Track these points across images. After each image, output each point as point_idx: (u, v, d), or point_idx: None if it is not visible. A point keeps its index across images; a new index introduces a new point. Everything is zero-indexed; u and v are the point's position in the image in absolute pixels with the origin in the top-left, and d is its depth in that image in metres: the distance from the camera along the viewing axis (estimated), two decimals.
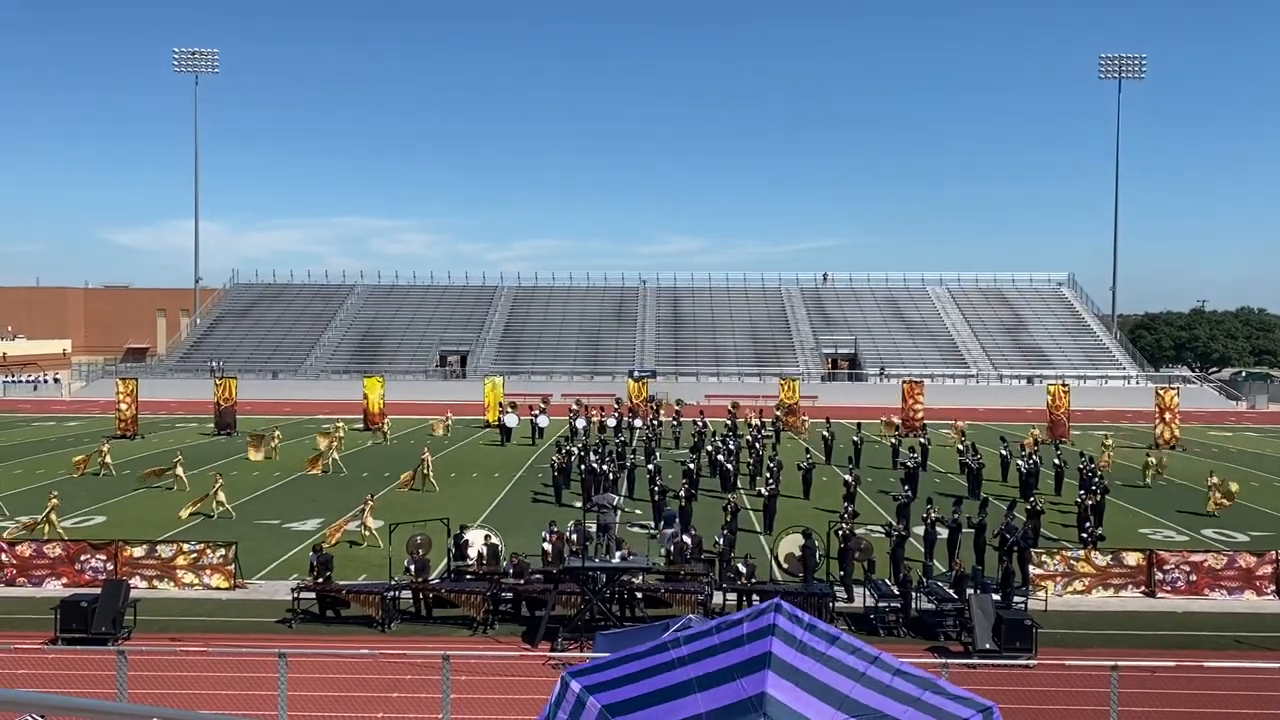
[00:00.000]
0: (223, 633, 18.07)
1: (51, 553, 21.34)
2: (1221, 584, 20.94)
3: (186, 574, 21.03)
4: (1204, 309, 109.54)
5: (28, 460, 40.18)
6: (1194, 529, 28.14)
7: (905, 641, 18.18)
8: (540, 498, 32.42)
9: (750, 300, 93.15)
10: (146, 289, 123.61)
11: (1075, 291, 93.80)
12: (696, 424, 42.68)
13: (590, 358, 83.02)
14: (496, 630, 18.51)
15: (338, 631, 18.38)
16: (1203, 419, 61.93)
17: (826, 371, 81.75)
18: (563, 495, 31.72)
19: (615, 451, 37.44)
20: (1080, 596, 20.79)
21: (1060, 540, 25.42)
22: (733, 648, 4.95)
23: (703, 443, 38.54)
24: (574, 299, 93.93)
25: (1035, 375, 76.89)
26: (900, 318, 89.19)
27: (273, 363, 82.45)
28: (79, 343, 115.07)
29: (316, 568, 19.64)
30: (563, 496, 31.65)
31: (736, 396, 59.11)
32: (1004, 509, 24.55)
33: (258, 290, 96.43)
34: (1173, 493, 34.10)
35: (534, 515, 28.23)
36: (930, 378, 70.21)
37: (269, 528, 27.13)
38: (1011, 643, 16.97)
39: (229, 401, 50.47)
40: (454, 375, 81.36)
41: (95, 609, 17.41)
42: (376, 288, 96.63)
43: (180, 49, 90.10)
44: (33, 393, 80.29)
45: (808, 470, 32.40)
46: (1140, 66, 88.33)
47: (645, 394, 56.75)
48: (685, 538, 21.63)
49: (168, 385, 74.52)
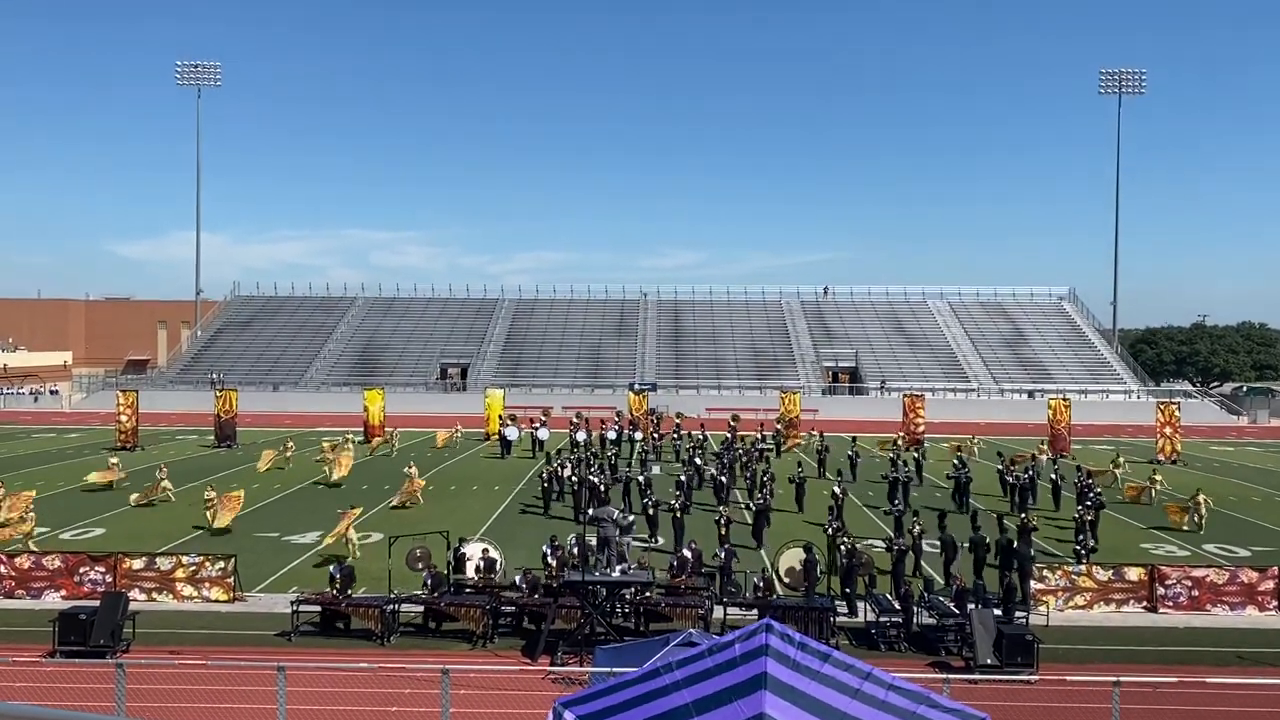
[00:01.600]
0: (222, 646, 18.01)
1: (50, 565, 21.29)
2: (1223, 599, 20.87)
3: (186, 587, 20.98)
4: (1205, 324, 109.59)
5: (28, 472, 40.13)
6: (1195, 544, 28.05)
7: (906, 656, 18.10)
8: (529, 509, 32.42)
9: (751, 313, 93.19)
10: (147, 301, 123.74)
11: (1076, 305, 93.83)
12: (693, 436, 42.79)
13: (591, 370, 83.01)
14: (496, 644, 18.45)
15: (337, 645, 18.31)
16: (1204, 434, 61.85)
17: (827, 385, 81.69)
18: (551, 507, 31.82)
19: (609, 464, 37.42)
20: (1082, 611, 20.73)
21: (1060, 557, 25.35)
22: (727, 670, 4.93)
23: (693, 456, 38.36)
24: (575, 312, 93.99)
25: (1036, 389, 76.86)
26: (901, 331, 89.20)
27: (273, 375, 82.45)
28: (80, 354, 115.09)
29: (339, 581, 19.57)
30: (551, 508, 31.76)
31: (737, 409, 59.04)
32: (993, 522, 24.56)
33: (259, 302, 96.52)
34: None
35: (534, 528, 28.17)
36: (931, 391, 70.24)
37: (268, 540, 27.07)
38: (1013, 658, 16.91)
39: (229, 414, 50.45)
40: (455, 388, 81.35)
41: (94, 621, 17.34)
42: (377, 300, 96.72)
43: (183, 62, 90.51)
44: (33, 404, 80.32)
45: (800, 483, 32.37)
46: (1140, 81, 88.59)
47: (646, 407, 56.71)
48: (686, 551, 21.57)
49: (168, 397, 74.56)
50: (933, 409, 58.89)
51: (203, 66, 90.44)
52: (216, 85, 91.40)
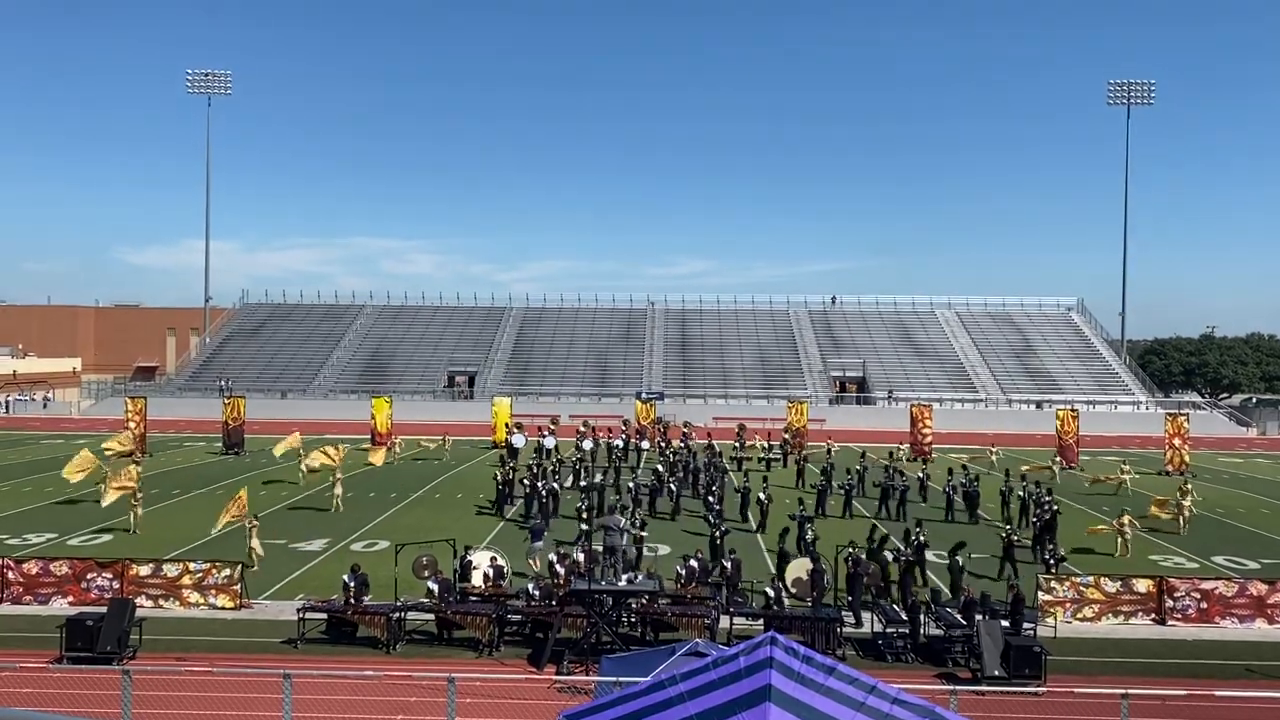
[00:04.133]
0: (228, 653, 18.02)
1: (58, 571, 21.35)
2: (1233, 612, 20.76)
3: (192, 593, 21.01)
4: (1213, 335, 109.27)
5: (38, 479, 40.24)
6: (1204, 556, 27.92)
7: (913, 668, 18.05)
8: (483, 510, 33.33)
9: (758, 322, 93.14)
10: (157, 308, 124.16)
11: (1084, 316, 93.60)
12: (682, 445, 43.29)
13: (598, 379, 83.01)
14: (503, 652, 18.43)
15: (343, 652, 18.31)
16: (1213, 445, 61.59)
17: (834, 394, 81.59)
18: (504, 510, 32.83)
19: (583, 471, 38.03)
20: (1089, 623, 20.64)
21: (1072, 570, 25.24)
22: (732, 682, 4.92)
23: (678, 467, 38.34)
24: (582, 320, 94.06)
25: (1044, 400, 76.65)
26: (909, 341, 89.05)
27: (281, 382, 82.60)
28: (89, 361, 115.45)
29: (354, 589, 19.57)
30: (504, 510, 32.77)
31: (744, 418, 58.97)
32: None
33: (267, 309, 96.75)
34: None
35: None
36: (939, 402, 70.03)
37: (276, 548, 27.07)
38: (1020, 669, 16.84)
39: (237, 420, 50.63)
40: (462, 395, 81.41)
41: (101, 628, 17.37)
42: (385, 308, 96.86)
43: (194, 70, 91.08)
44: (42, 410, 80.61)
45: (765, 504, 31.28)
46: (1149, 92, 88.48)
47: (653, 415, 56.72)
48: (693, 562, 21.54)
49: (177, 404, 74.70)
50: (940, 419, 58.73)
51: (213, 75, 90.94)
52: (227, 93, 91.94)
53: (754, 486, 32.91)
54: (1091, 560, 26.58)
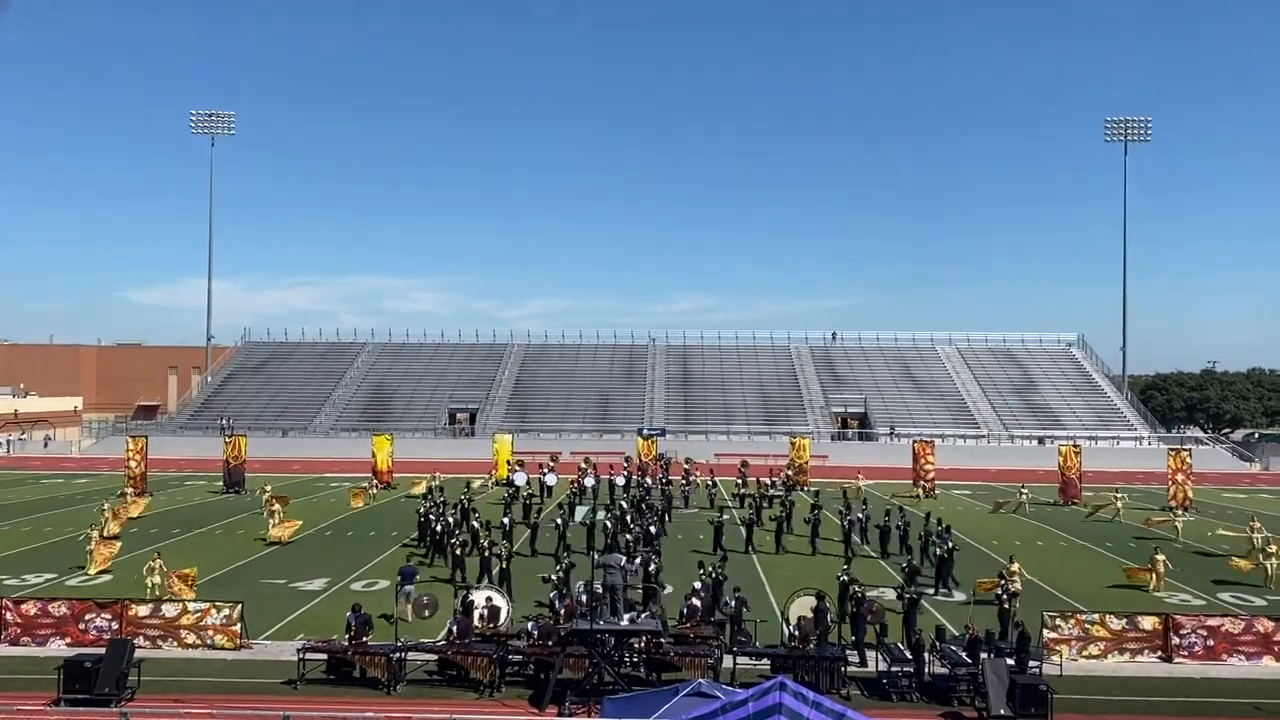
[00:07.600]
0: (227, 694, 17.87)
1: (56, 612, 21.22)
2: (1239, 649, 20.61)
3: (191, 634, 20.88)
4: (1215, 370, 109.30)
5: (39, 518, 40.11)
6: (1210, 593, 27.75)
7: (918, 707, 17.90)
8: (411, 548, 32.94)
9: (760, 359, 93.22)
10: (159, 346, 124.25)
11: (1085, 352, 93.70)
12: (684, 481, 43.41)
13: (599, 416, 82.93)
14: (504, 693, 18.28)
15: (343, 693, 18.16)
16: (1216, 480, 61.39)
17: (836, 430, 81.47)
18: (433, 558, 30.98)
19: (536, 508, 37.73)
20: (1095, 661, 20.49)
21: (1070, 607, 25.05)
22: None
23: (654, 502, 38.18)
24: (583, 357, 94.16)
25: (1046, 435, 76.49)
26: (910, 377, 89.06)
27: (283, 420, 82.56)
28: (90, 400, 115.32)
29: (355, 628, 19.44)
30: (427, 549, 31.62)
31: (746, 454, 58.81)
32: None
33: (269, 348, 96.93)
34: (1188, 556, 33.66)
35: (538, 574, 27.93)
36: (941, 437, 69.86)
37: (275, 587, 26.94)
38: (1026, 708, 16.70)
39: (238, 459, 50.57)
40: (463, 433, 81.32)
41: (99, 669, 17.24)
42: (387, 345, 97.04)
43: (197, 111, 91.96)
44: (43, 449, 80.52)
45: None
46: (1146, 129, 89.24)
47: (655, 452, 56.61)
48: (695, 600, 21.41)
49: (178, 442, 74.68)
50: (942, 455, 58.58)
51: (217, 115, 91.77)
52: (230, 134, 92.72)
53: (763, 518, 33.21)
54: (1097, 597, 26.42)
